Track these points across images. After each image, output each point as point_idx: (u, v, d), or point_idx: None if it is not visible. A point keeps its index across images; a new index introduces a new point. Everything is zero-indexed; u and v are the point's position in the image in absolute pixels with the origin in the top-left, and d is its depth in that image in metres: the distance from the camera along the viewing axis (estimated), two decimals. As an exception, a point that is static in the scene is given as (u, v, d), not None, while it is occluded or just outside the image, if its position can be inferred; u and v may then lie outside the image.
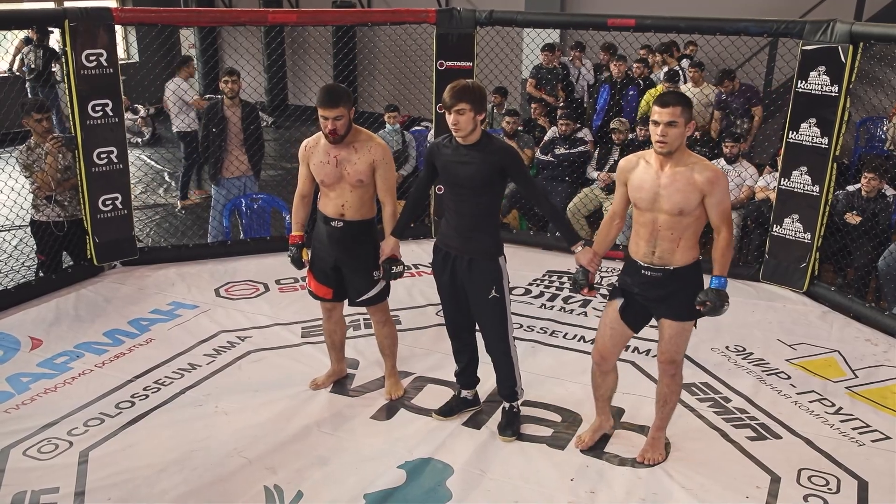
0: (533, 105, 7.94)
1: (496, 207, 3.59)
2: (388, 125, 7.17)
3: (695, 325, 3.34)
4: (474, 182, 3.41)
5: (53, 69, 9.49)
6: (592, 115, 7.87)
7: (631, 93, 7.58)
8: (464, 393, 3.89)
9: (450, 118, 3.34)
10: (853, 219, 5.33)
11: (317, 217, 3.85)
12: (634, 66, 7.75)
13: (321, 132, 3.64)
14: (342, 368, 4.20)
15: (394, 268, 3.71)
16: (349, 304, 3.94)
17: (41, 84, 9.36)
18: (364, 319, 4.78)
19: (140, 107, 10.70)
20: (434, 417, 3.82)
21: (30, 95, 9.64)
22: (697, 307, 3.19)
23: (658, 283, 3.26)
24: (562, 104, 7.93)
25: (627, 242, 4.10)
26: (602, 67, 8.60)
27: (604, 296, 5.26)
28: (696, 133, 6.80)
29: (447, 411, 3.85)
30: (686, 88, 7.34)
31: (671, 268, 3.23)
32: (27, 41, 10.23)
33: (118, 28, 5.41)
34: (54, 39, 8.88)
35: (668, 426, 3.75)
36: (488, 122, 7.85)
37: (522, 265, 5.71)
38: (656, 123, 3.10)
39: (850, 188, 5.53)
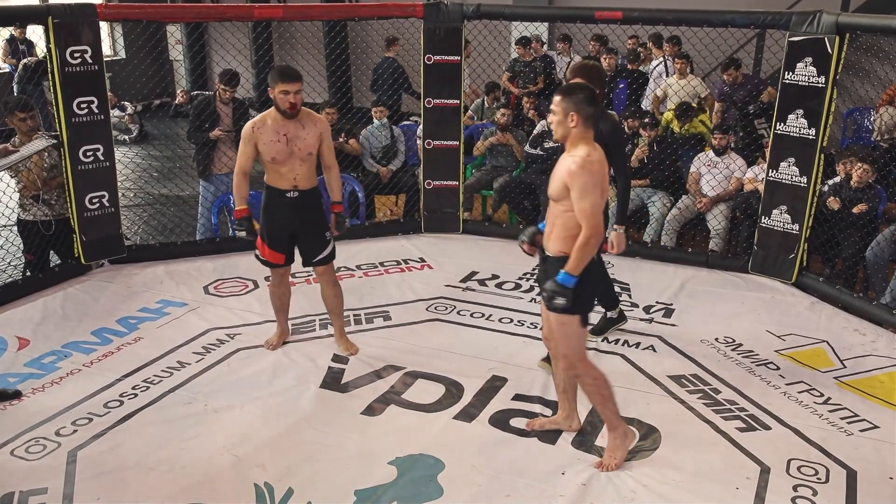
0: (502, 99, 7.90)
1: None
2: (375, 120, 7.14)
3: (583, 326, 3.25)
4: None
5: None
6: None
7: (620, 86, 7.58)
8: (609, 314, 4.57)
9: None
10: (834, 203, 5.35)
11: (267, 193, 4.11)
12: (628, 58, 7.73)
13: (267, 113, 4.00)
14: (288, 328, 4.54)
15: (347, 221, 4.28)
16: (304, 265, 4.27)
17: (28, 82, 9.29)
18: (354, 316, 4.78)
19: (127, 104, 10.63)
20: (589, 338, 4.18)
21: (16, 94, 9.56)
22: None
23: (542, 266, 3.32)
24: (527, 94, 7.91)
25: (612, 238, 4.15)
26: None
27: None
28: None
29: (598, 331, 4.54)
30: (672, 80, 7.35)
31: (547, 253, 3.26)
32: (11, 40, 10.14)
33: (103, 24, 5.37)
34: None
35: (659, 417, 3.78)
36: (478, 116, 7.86)
37: (512, 259, 5.71)
38: (552, 112, 3.21)
39: (830, 182, 5.55)
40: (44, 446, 3.53)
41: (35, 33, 9.77)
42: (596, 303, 4.56)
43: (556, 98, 3.16)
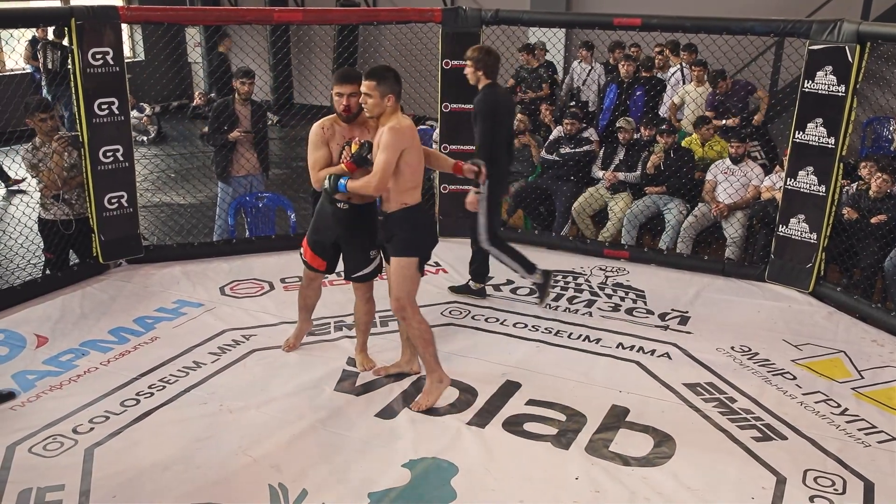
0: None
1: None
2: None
3: (421, 272, 3.77)
4: None
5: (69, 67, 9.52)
6: (598, 115, 7.86)
7: (637, 93, 7.56)
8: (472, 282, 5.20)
9: None
10: (851, 214, 5.31)
11: (321, 198, 4.05)
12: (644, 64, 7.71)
13: (332, 116, 3.92)
14: (309, 326, 4.53)
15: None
16: (345, 279, 4.21)
17: (58, 83, 9.36)
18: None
19: (146, 105, 10.72)
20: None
21: (46, 95, 9.65)
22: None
23: (382, 226, 3.78)
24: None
25: (632, 241, 4.14)
26: (609, 67, 8.57)
27: None
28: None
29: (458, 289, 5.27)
30: (690, 88, 7.33)
31: (388, 213, 3.70)
32: (34, 42, 10.23)
33: (124, 26, 5.42)
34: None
35: (674, 425, 3.76)
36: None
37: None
38: (366, 95, 3.57)
39: (845, 189, 5.50)
40: (61, 443, 3.56)
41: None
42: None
43: (372, 83, 3.52)
